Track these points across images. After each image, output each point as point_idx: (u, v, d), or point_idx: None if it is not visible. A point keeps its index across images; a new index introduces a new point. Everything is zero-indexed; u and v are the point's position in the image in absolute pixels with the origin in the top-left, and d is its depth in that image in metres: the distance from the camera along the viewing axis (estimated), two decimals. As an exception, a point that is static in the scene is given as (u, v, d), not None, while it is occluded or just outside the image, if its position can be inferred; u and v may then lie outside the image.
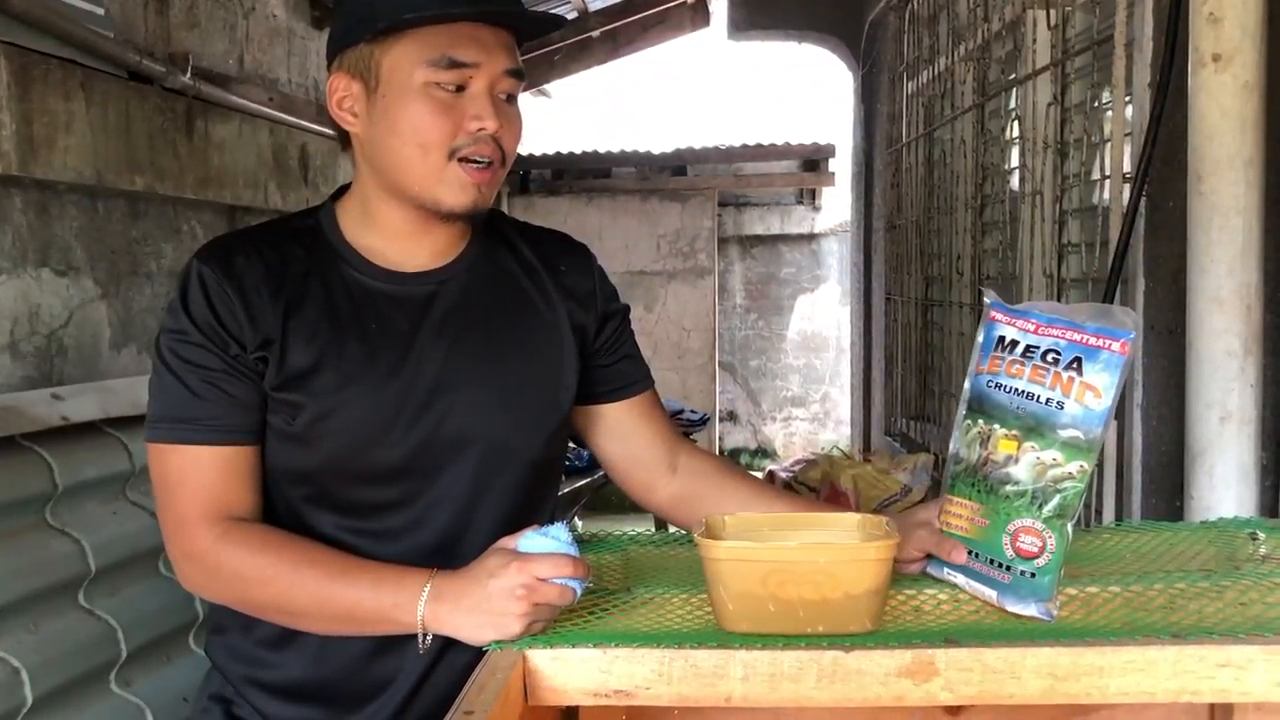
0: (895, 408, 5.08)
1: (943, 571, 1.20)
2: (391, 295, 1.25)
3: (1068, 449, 1.09)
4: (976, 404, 1.17)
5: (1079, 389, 1.09)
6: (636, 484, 1.41)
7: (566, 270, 1.35)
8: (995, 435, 1.14)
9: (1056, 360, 1.11)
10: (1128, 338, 1.09)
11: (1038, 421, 1.11)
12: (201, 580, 1.20)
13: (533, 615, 1.06)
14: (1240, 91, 1.74)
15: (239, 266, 1.20)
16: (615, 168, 8.65)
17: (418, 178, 1.20)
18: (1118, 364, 1.08)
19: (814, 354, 9.35)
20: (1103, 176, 2.63)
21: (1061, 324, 1.13)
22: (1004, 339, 1.16)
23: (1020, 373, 1.13)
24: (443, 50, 1.17)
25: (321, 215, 1.29)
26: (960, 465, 1.18)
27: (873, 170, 5.71)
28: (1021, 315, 1.16)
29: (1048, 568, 1.10)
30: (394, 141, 1.19)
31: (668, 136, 9.13)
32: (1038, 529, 1.10)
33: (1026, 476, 1.11)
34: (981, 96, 3.77)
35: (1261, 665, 0.99)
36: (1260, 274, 1.78)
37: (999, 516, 1.13)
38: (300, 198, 4.41)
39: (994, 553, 1.13)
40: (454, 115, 1.18)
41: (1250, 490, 1.78)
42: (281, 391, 1.19)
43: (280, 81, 4.35)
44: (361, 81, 1.21)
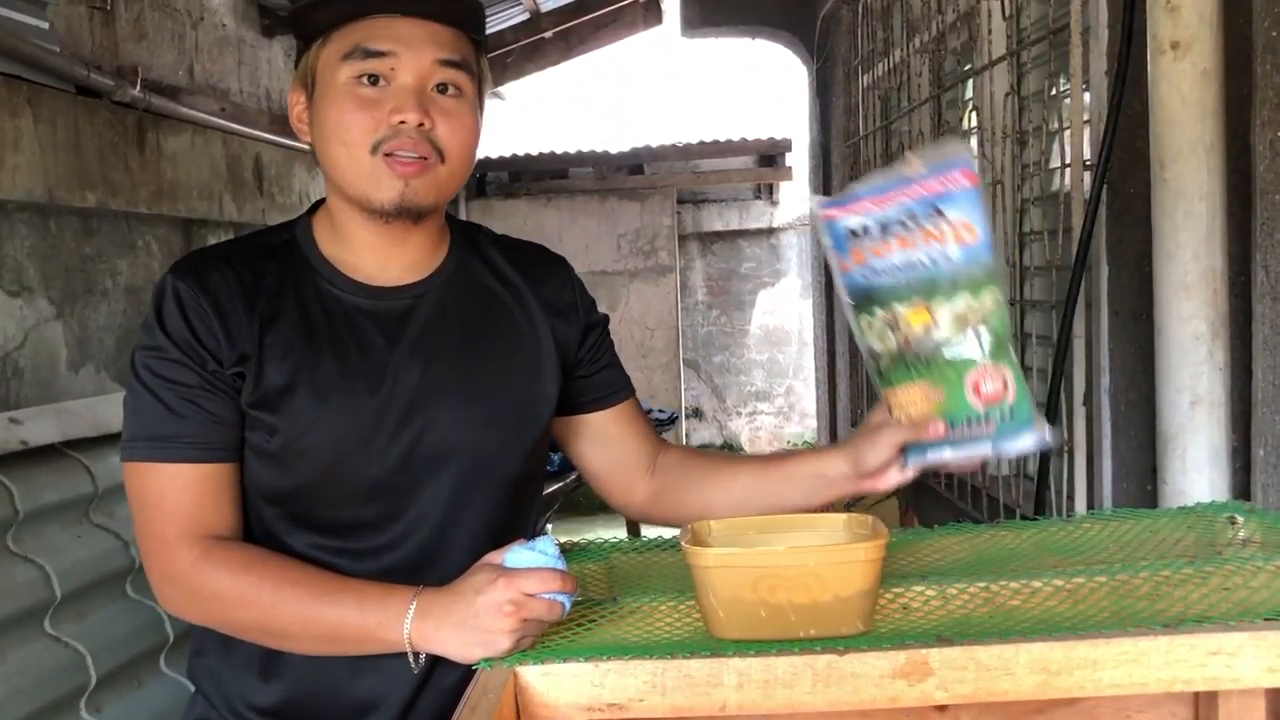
0: (861, 400, 5.10)
1: (925, 458, 1.18)
2: (367, 310, 1.23)
3: (973, 289, 1.09)
4: (862, 298, 1.15)
5: (953, 232, 1.08)
6: (617, 489, 1.40)
7: (545, 283, 1.34)
8: (901, 314, 1.12)
9: (916, 220, 1.09)
10: (966, 164, 1.07)
11: (933, 281, 1.10)
12: (182, 601, 1.18)
13: (521, 631, 1.04)
14: (1200, 79, 1.75)
15: (214, 282, 1.18)
16: (572, 168, 8.64)
17: (349, 177, 1.18)
18: (974, 196, 1.08)
19: (776, 348, 9.39)
20: (1063, 165, 2.65)
21: (897, 186, 1.10)
22: (853, 229, 1.14)
23: (889, 249, 1.11)
24: (356, 42, 1.16)
25: (297, 229, 1.27)
26: (882, 358, 1.16)
27: (830, 164, 5.73)
28: (853, 199, 1.13)
29: (1019, 397, 1.10)
30: (324, 144, 1.19)
31: (624, 135, 9.13)
32: (992, 369, 1.10)
33: (953, 332, 1.10)
34: (938, 88, 3.79)
35: (1251, 652, 1.00)
36: (1224, 258, 1.79)
37: (950, 380, 1.11)
38: (256, 209, 4.36)
39: (965, 413, 1.12)
40: (374, 110, 1.16)
41: (1221, 473, 1.80)
42: (258, 409, 1.17)
43: (232, 92, 4.29)
44: (305, 91, 1.22)
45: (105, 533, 2.45)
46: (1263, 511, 1.39)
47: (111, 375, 3.39)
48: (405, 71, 1.17)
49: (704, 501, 1.33)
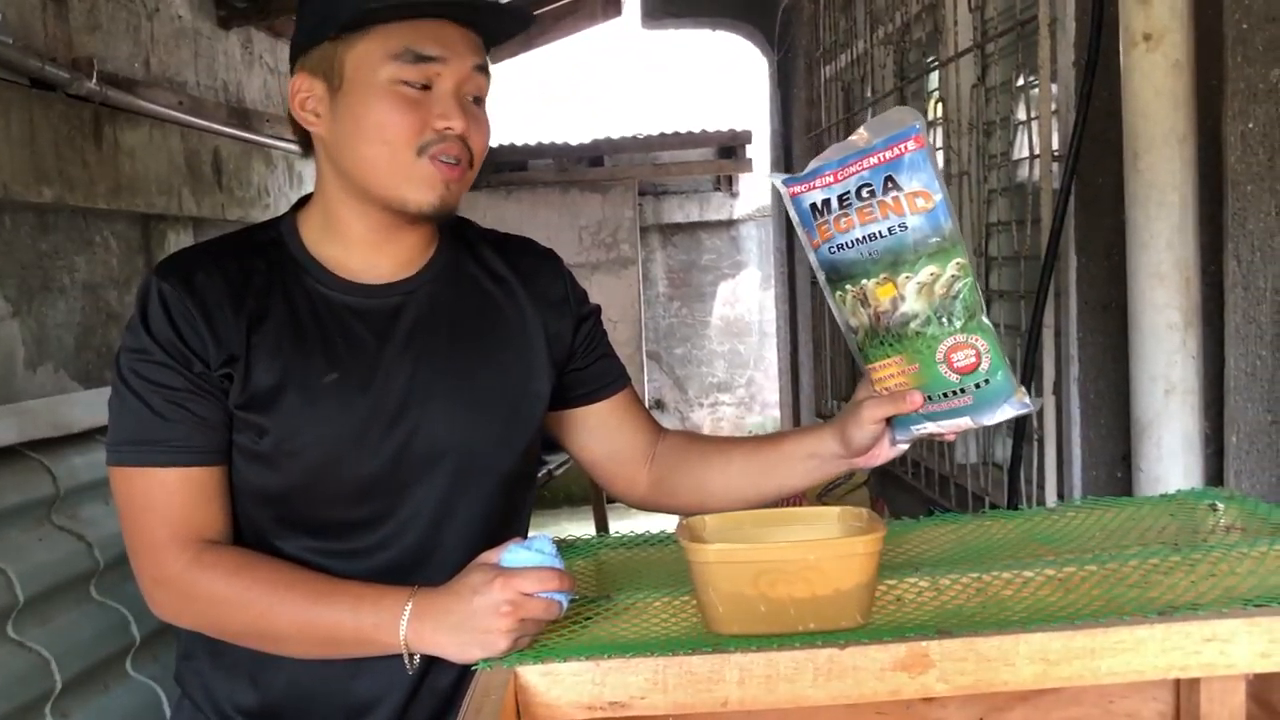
0: (825, 390, 5.12)
1: (910, 432, 1.18)
2: (357, 308, 1.21)
3: (936, 257, 1.08)
4: (833, 274, 1.15)
5: (907, 201, 1.08)
6: (622, 481, 1.39)
7: (536, 277, 1.32)
8: (869, 289, 1.12)
9: (872, 192, 1.09)
10: (915, 131, 1.07)
11: (895, 253, 1.09)
12: (174, 606, 1.16)
13: (519, 631, 1.03)
14: (1172, 70, 1.77)
15: (200, 282, 1.16)
16: (532, 160, 8.60)
17: (383, 176, 1.16)
18: (923, 158, 1.07)
19: (737, 339, 9.42)
20: (1031, 156, 2.67)
21: (853, 158, 1.10)
22: (815, 205, 1.13)
23: (850, 224, 1.11)
24: (406, 44, 1.14)
25: (282, 227, 1.25)
26: (858, 334, 1.16)
27: (792, 156, 5.74)
28: (815, 175, 1.13)
29: (994, 366, 1.10)
30: (358, 140, 1.16)
31: (584, 127, 9.10)
32: (964, 340, 1.10)
33: (920, 305, 1.10)
34: (902, 80, 3.80)
35: (1245, 637, 1.01)
36: (1197, 249, 1.81)
37: (923, 354, 1.11)
38: (215, 203, 4.30)
39: (942, 386, 1.12)
40: (420, 113, 1.15)
41: (1196, 460, 1.82)
42: (246, 410, 1.15)
43: (189, 84, 4.22)
44: (324, 80, 1.18)
45: (68, 535, 2.41)
46: (1241, 498, 1.41)
47: (71, 374, 3.33)
48: (449, 77, 1.16)
49: (702, 486, 1.33)
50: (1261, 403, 1.74)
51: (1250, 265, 1.74)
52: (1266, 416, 1.74)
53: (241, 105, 4.70)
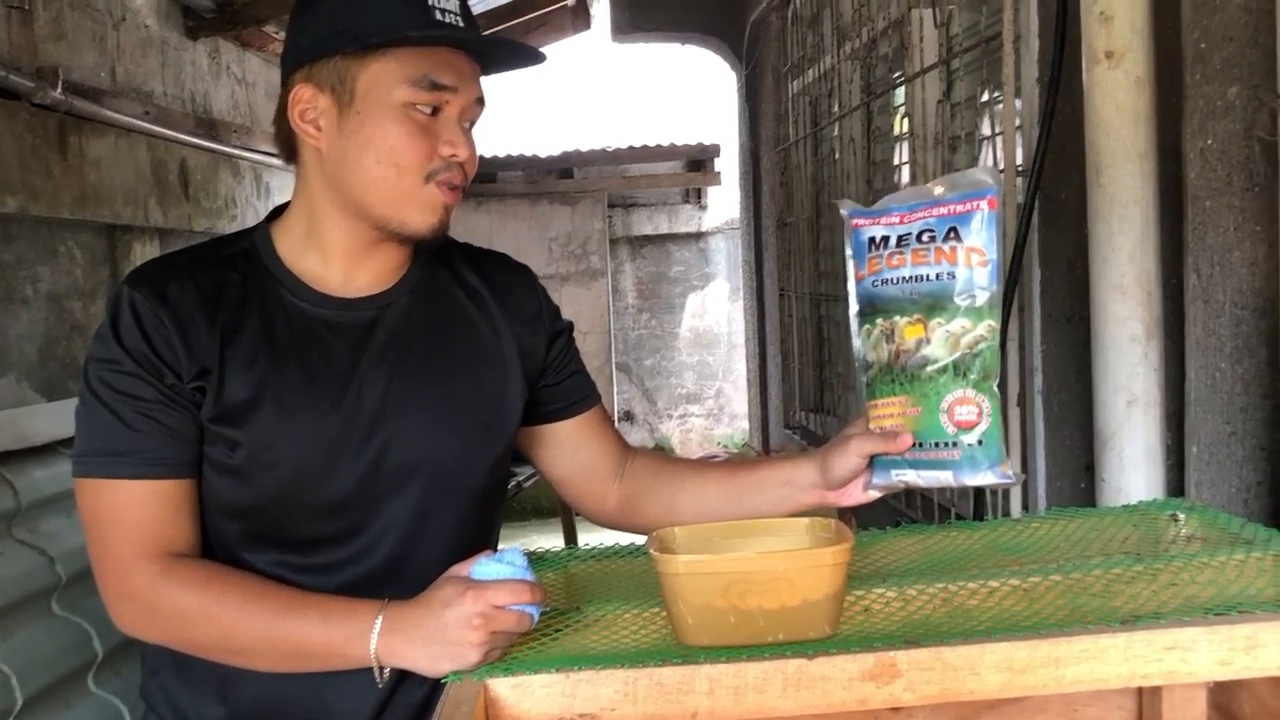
0: (794, 401, 5.15)
1: (889, 477, 1.19)
2: (332, 322, 1.21)
3: (972, 313, 1.11)
4: (868, 307, 1.17)
5: (964, 255, 1.11)
6: (590, 497, 1.39)
7: (510, 292, 1.33)
8: (898, 326, 1.14)
9: (933, 237, 1.12)
10: (992, 193, 1.11)
11: (935, 298, 1.12)
12: (139, 621, 1.15)
13: (490, 644, 1.03)
14: (1133, 87, 1.80)
15: (173, 293, 1.15)
16: (501, 172, 8.59)
17: (387, 198, 1.17)
18: (991, 220, 1.10)
19: (706, 350, 9.44)
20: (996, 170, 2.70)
21: (925, 205, 1.13)
22: (874, 239, 1.16)
23: (902, 262, 1.14)
24: (424, 71, 1.15)
25: (256, 238, 1.24)
26: (872, 369, 1.18)
27: (760, 169, 5.78)
28: (883, 213, 1.16)
29: (991, 431, 1.12)
30: (366, 159, 1.16)
31: (554, 139, 9.12)
32: (970, 397, 1.11)
33: (943, 351, 1.12)
34: (869, 95, 3.84)
35: (1205, 646, 1.02)
36: (1158, 261, 1.84)
37: (929, 399, 1.13)
38: (181, 214, 4.27)
39: (936, 435, 1.13)
40: (429, 139, 1.16)
41: (1158, 471, 1.85)
42: (219, 424, 1.14)
43: (156, 94, 4.19)
44: (332, 95, 1.17)
45: (29, 549, 2.38)
46: (1202, 509, 1.43)
47: (34, 386, 3.29)
48: (455, 106, 1.18)
49: (673, 507, 1.33)
50: (1221, 414, 1.77)
51: (1210, 279, 1.77)
52: (1226, 428, 1.77)
53: (209, 116, 4.67)
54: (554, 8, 7.03)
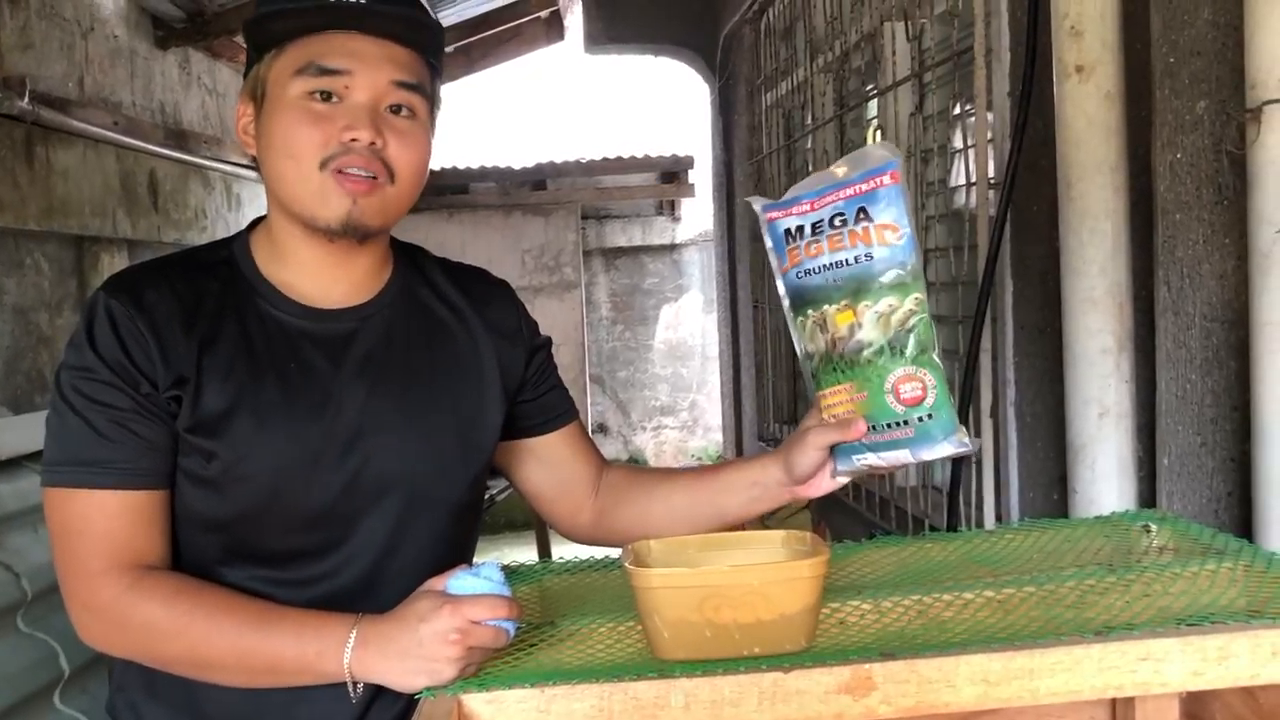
0: (768, 413, 5.16)
1: (852, 463, 1.19)
2: (310, 333, 1.19)
3: (897, 290, 1.11)
4: (798, 299, 1.17)
5: (876, 233, 1.11)
6: (564, 513, 1.38)
7: (489, 307, 1.32)
8: (829, 315, 1.14)
9: (844, 221, 1.12)
10: (893, 167, 1.11)
11: (858, 281, 1.12)
12: (105, 634, 1.13)
13: (466, 659, 1.02)
14: (1103, 101, 1.81)
15: (150, 300, 1.14)
16: (474, 183, 8.58)
17: (294, 192, 1.15)
18: (897, 193, 1.10)
19: (680, 362, 9.45)
20: (967, 183, 2.72)
21: (831, 189, 1.13)
22: (789, 230, 1.16)
23: (820, 250, 1.14)
24: (311, 58, 1.13)
25: (235, 247, 1.23)
26: (814, 360, 1.18)
27: (734, 181, 5.79)
28: (793, 202, 1.16)
29: (939, 403, 1.12)
30: (271, 156, 1.16)
31: (527, 151, 9.12)
32: (911, 373, 1.12)
33: (876, 333, 1.12)
34: (841, 107, 3.86)
35: (1178, 656, 1.03)
36: (1129, 275, 1.86)
37: (872, 382, 1.13)
38: (151, 225, 4.23)
39: (886, 416, 1.14)
40: (325, 125, 1.13)
41: (1129, 482, 1.86)
42: (194, 434, 1.13)
43: (125, 105, 4.16)
44: (255, 103, 1.18)
45: (-4, 564, 2.35)
46: (1174, 519, 1.44)
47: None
48: (360, 90, 1.14)
49: (644, 517, 1.33)
50: (1191, 426, 1.78)
51: (1180, 291, 1.78)
52: (1196, 439, 1.78)
53: (179, 126, 4.64)
54: (527, 19, 7.05)
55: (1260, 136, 1.53)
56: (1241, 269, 1.69)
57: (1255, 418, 1.59)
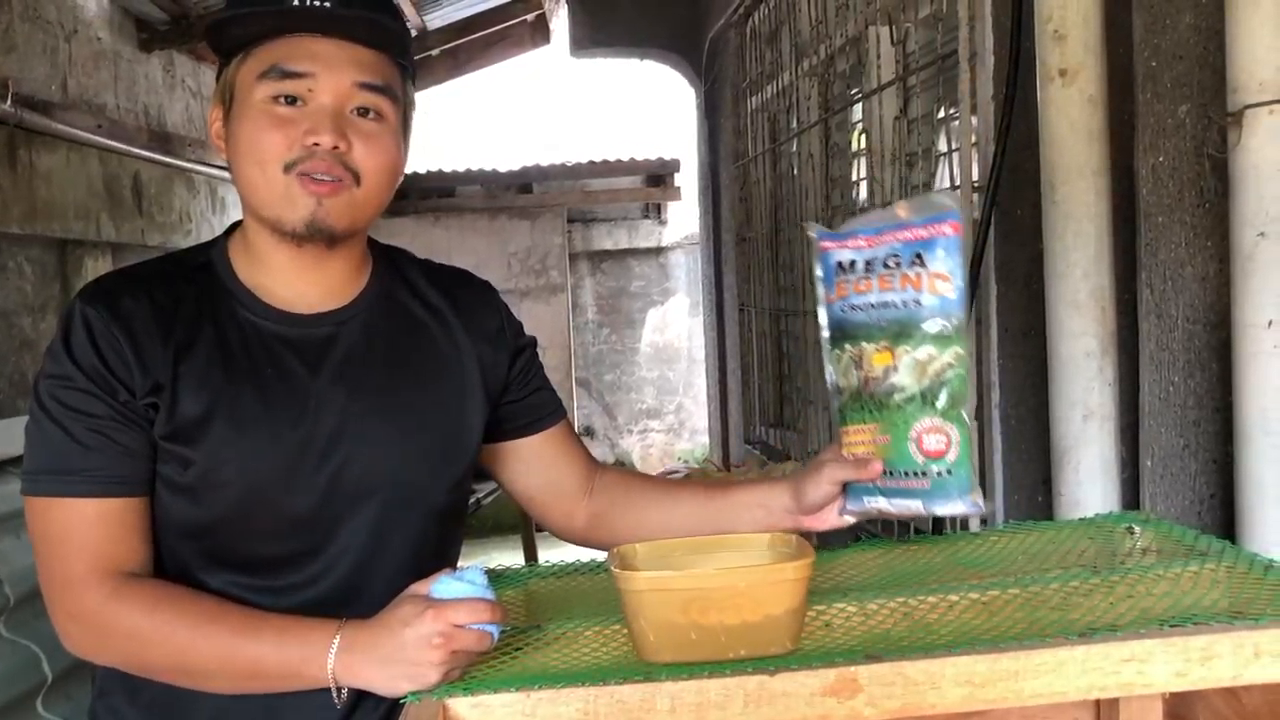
0: (754, 416, 5.16)
1: (862, 503, 1.19)
2: (287, 338, 1.19)
3: (939, 341, 1.11)
4: (838, 332, 1.17)
5: (929, 281, 1.10)
6: (558, 515, 1.38)
7: (471, 308, 1.31)
8: (866, 353, 1.14)
9: (899, 263, 1.12)
10: (954, 217, 1.10)
11: (902, 325, 1.12)
12: (89, 642, 1.12)
13: (450, 664, 1.01)
14: (1086, 105, 1.82)
15: (126, 307, 1.13)
16: (460, 186, 8.56)
17: (261, 196, 1.15)
18: (955, 245, 1.10)
19: (667, 365, 9.44)
20: (952, 186, 2.73)
21: (890, 228, 1.13)
22: (842, 263, 1.16)
23: (869, 287, 1.14)
24: (273, 61, 1.13)
25: (213, 252, 1.23)
26: (843, 395, 1.18)
27: (719, 184, 5.80)
28: (849, 235, 1.16)
29: (960, 460, 1.12)
30: (238, 161, 1.15)
31: (513, 154, 9.11)
32: (939, 425, 1.11)
33: (910, 380, 1.12)
34: (826, 111, 3.87)
35: (1161, 657, 1.03)
36: (1112, 278, 1.86)
37: (898, 427, 1.13)
38: (134, 228, 4.21)
39: (905, 464, 1.13)
40: (289, 129, 1.13)
41: (1113, 484, 1.87)
42: (172, 441, 1.12)
43: (108, 107, 4.14)
44: (224, 107, 1.18)
45: (-27, 570, 2.33)
46: (1157, 521, 1.45)
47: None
48: (323, 93, 1.14)
49: (640, 525, 1.32)
50: (1175, 428, 1.79)
51: (1162, 294, 1.79)
52: (1179, 441, 1.79)
53: (163, 129, 4.62)
54: (513, 22, 7.05)
55: (1241, 140, 1.54)
56: (1223, 271, 1.70)
57: (1237, 420, 1.60)
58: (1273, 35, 1.51)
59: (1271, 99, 1.51)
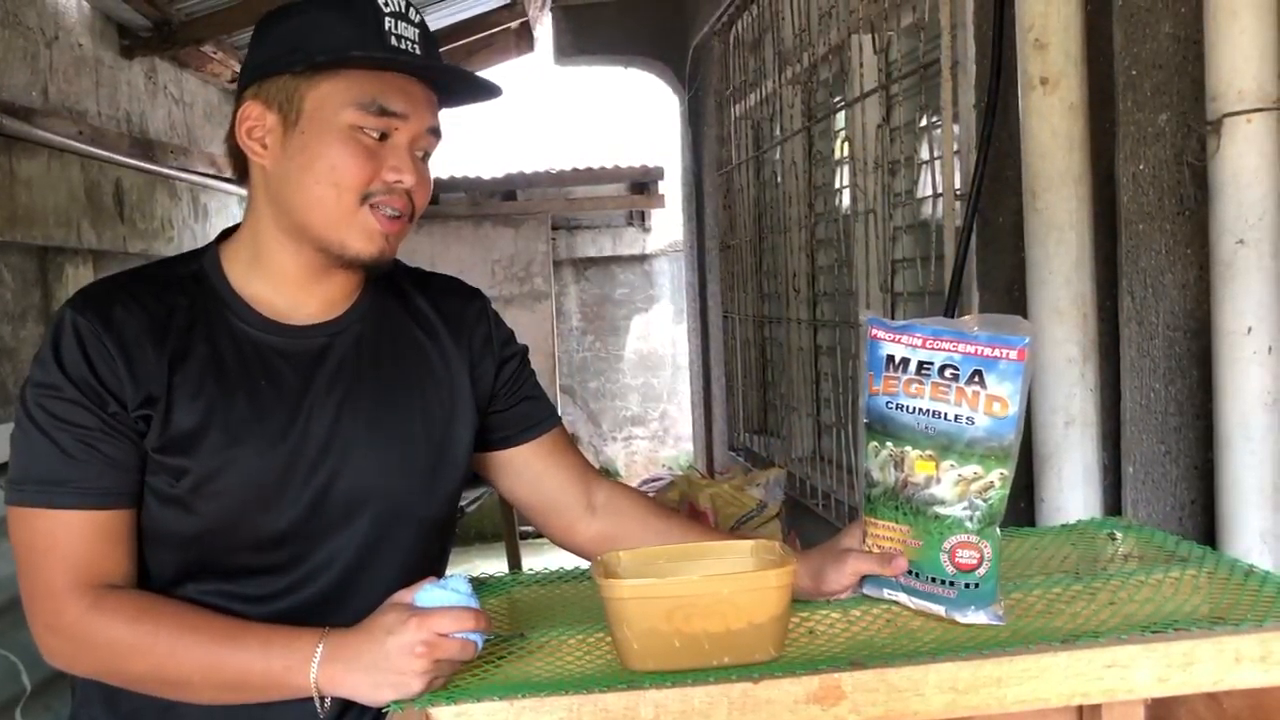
0: (738, 423, 5.17)
1: (882, 592, 1.19)
2: (281, 349, 1.18)
3: (986, 460, 1.10)
4: (880, 426, 1.17)
5: (985, 401, 1.10)
6: (557, 528, 1.36)
7: (461, 318, 1.31)
8: (909, 457, 1.13)
9: (956, 376, 1.11)
10: (1023, 344, 1.09)
11: (951, 439, 1.11)
12: (69, 653, 1.11)
13: (434, 672, 1.01)
14: (1067, 113, 1.83)
15: (118, 317, 1.12)
16: (444, 194, 8.55)
17: (327, 219, 1.14)
18: (1018, 371, 1.09)
19: (651, 373, 9.44)
20: (934, 194, 2.74)
21: (950, 336, 1.12)
22: (893, 358, 1.16)
23: (920, 391, 1.13)
24: (374, 95, 1.13)
25: (205, 260, 1.21)
26: (877, 488, 1.17)
27: (703, 192, 5.81)
28: (904, 330, 1.16)
29: (989, 575, 1.11)
30: (307, 178, 1.14)
31: (497, 161, 9.11)
32: (973, 542, 1.11)
33: (951, 495, 1.11)
34: (809, 119, 3.88)
35: (1144, 663, 1.04)
36: (1093, 285, 1.87)
37: (932, 537, 1.12)
38: (116, 236, 4.19)
39: (934, 571, 1.13)
40: (373, 162, 1.14)
41: (1095, 490, 1.88)
42: (164, 453, 1.11)
43: (90, 114, 4.12)
44: (279, 113, 1.15)
45: (-46, 580, 2.31)
46: (1138, 527, 1.46)
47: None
48: (405, 133, 1.16)
49: None
50: (1155, 434, 1.80)
51: (1143, 301, 1.80)
52: (1161, 447, 1.80)
53: (145, 136, 4.60)
54: (497, 30, 7.04)
55: (1221, 148, 1.55)
56: (1204, 279, 1.71)
57: (1218, 426, 1.61)
58: (1251, 45, 1.52)
59: (1250, 108, 1.53)
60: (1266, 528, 1.55)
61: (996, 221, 2.32)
